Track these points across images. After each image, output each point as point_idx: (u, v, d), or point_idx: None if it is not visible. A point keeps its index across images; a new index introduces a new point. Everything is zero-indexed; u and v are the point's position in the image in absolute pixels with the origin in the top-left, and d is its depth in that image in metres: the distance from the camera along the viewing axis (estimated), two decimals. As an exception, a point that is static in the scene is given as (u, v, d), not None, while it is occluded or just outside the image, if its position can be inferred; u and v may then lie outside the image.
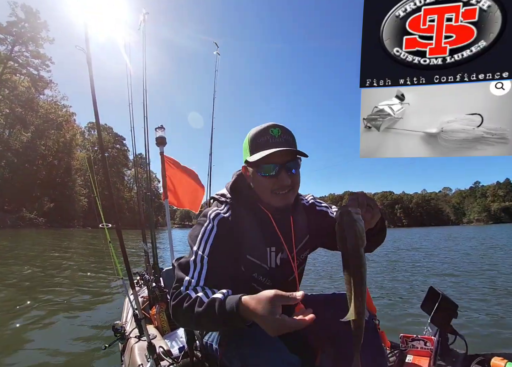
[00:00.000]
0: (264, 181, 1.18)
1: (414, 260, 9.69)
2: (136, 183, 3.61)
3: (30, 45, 41.20)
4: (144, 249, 3.10)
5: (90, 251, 13.14)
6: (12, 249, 13.65)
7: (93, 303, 5.05)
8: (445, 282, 6.20)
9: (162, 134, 3.08)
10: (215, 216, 1.21)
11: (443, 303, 1.72)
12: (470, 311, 4.17)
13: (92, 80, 1.69)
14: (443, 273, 7.21)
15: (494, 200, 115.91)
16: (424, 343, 1.60)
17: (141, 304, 2.63)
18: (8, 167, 38.78)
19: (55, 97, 46.61)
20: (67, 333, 3.67)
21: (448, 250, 12.85)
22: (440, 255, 10.84)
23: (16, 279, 6.90)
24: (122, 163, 63.78)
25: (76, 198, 45.86)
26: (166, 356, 1.69)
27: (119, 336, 2.12)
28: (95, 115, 1.73)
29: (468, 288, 5.54)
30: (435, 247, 15.46)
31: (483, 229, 54.06)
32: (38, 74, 43.26)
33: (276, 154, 1.12)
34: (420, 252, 12.77)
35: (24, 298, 5.40)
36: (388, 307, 4.61)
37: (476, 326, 3.62)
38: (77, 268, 8.52)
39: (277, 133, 1.17)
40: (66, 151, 46.20)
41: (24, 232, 27.60)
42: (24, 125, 40.19)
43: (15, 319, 4.21)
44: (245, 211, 1.24)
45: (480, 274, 6.82)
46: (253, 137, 1.20)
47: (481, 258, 9.94)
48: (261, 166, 1.16)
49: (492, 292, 5.18)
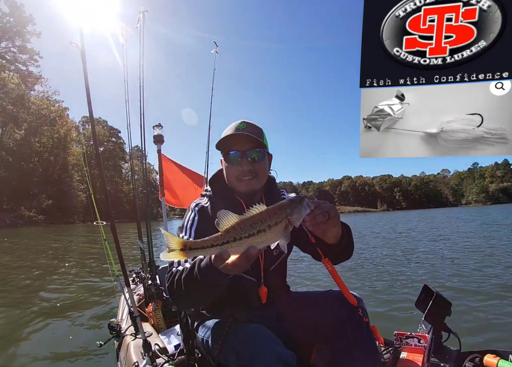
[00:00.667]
0: (230, 169, 1.33)
1: (407, 251, 9.77)
2: (133, 181, 3.58)
3: (16, 40, 40.43)
4: (140, 247, 3.08)
5: (87, 249, 13.05)
6: (11, 248, 13.54)
7: (89, 301, 5.02)
8: (439, 279, 6.27)
9: (159, 132, 3.07)
10: (195, 205, 1.37)
11: (437, 301, 1.74)
12: (463, 308, 4.23)
13: (87, 76, 1.66)
14: (435, 270, 7.28)
15: (492, 181, 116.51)
16: (418, 341, 1.62)
17: (137, 302, 2.62)
18: (3, 166, 38.28)
19: (47, 93, 46.03)
20: (63, 331, 3.65)
21: (444, 239, 12.94)
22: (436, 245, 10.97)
23: (13, 277, 6.86)
24: (119, 156, 63.11)
25: (75, 194, 45.45)
26: (162, 354, 1.68)
27: (115, 334, 2.11)
28: (90, 112, 1.71)
29: (462, 285, 5.60)
30: (429, 234, 15.52)
31: (481, 210, 54.47)
32: (26, 69, 42.52)
33: (239, 141, 1.29)
34: (415, 240, 12.86)
35: (18, 296, 5.38)
36: (382, 304, 4.65)
37: (469, 323, 3.67)
38: (72, 266, 8.46)
39: (242, 127, 1.31)
40: (61, 147, 45.61)
41: (22, 230, 27.28)
42: (16, 122, 39.53)
43: (10, 318, 4.18)
44: (221, 200, 1.37)
45: (475, 269, 6.90)
46: (223, 133, 1.35)
47: (476, 248, 9.99)
48: (227, 155, 1.32)
49: (485, 290, 5.24)
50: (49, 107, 44.05)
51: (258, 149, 1.31)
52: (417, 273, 6.86)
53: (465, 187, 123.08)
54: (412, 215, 43.34)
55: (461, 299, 4.70)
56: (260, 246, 0.86)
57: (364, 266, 7.69)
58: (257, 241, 0.85)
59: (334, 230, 1.04)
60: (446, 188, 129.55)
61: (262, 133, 1.37)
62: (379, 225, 24.82)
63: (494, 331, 3.46)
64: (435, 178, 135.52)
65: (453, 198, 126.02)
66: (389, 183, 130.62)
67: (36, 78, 43.70)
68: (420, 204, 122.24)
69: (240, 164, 1.30)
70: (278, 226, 0.85)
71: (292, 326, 1.34)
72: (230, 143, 1.31)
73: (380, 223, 27.69)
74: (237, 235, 0.84)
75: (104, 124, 62.47)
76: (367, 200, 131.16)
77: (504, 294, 4.91)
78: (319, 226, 0.96)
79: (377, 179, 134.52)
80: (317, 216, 0.93)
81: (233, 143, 1.30)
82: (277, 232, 0.86)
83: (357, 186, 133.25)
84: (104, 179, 1.82)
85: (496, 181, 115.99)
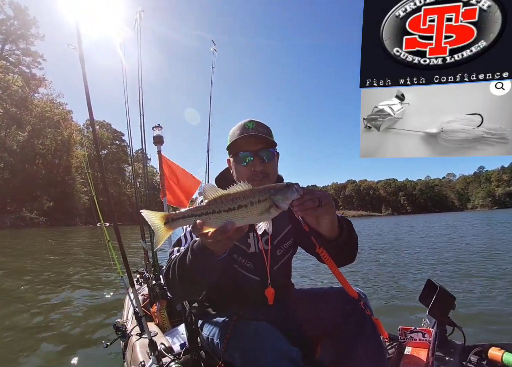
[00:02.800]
0: (241, 169, 1.30)
1: (410, 249, 9.79)
2: (134, 181, 3.59)
3: (20, 42, 40.49)
4: (144, 247, 3.09)
5: (90, 250, 13.08)
6: (10, 249, 13.57)
7: (94, 302, 5.06)
8: (442, 272, 6.29)
9: (159, 133, 3.07)
10: (201, 201, 1.31)
11: (440, 295, 1.74)
12: (467, 302, 4.24)
13: (85, 78, 1.66)
14: (438, 263, 7.30)
15: (498, 185, 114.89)
16: (423, 335, 1.63)
17: (142, 302, 2.64)
18: (7, 168, 38.31)
19: (50, 95, 46.06)
20: (68, 332, 3.69)
21: (448, 239, 12.95)
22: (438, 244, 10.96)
23: (15, 279, 6.89)
24: (122, 159, 62.89)
25: (77, 196, 45.52)
26: (168, 353, 1.70)
27: (121, 334, 2.13)
28: (89, 113, 1.71)
29: (466, 279, 5.61)
30: (434, 235, 15.57)
31: (487, 214, 54.07)
32: (30, 72, 42.64)
33: (249, 142, 1.27)
34: (419, 241, 12.90)
35: (23, 298, 5.41)
36: (387, 300, 4.66)
37: (474, 317, 3.68)
38: (76, 268, 8.48)
39: (251, 126, 1.30)
40: (64, 149, 45.72)
41: (23, 232, 27.31)
42: (19, 125, 39.54)
43: (16, 320, 4.21)
44: None
45: (479, 264, 6.90)
46: (231, 132, 1.34)
47: (482, 247, 10.00)
48: (238, 155, 1.29)
49: (490, 283, 5.25)
50: (52, 110, 43.99)
51: (268, 148, 1.30)
52: (421, 269, 6.88)
53: (471, 191, 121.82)
54: (417, 220, 43.19)
55: (465, 293, 4.71)
56: (240, 222, 0.86)
57: (367, 264, 7.72)
58: (236, 216, 0.85)
59: (328, 219, 1.02)
60: (452, 193, 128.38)
61: (271, 132, 1.36)
62: (384, 228, 24.70)
63: (499, 324, 3.47)
64: (440, 182, 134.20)
65: (459, 203, 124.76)
66: (393, 187, 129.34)
67: (40, 80, 43.70)
68: (425, 209, 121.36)
69: (252, 165, 1.28)
70: (260, 204, 0.85)
71: (296, 323, 1.36)
72: (240, 143, 1.29)
73: (385, 227, 27.61)
74: (217, 208, 0.85)
75: (108, 127, 62.27)
76: (371, 205, 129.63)
77: (509, 287, 4.91)
78: (309, 212, 0.94)
79: (381, 183, 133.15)
80: (306, 201, 0.92)
81: (243, 144, 1.29)
82: (259, 210, 0.85)
83: (361, 190, 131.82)
84: (106, 181, 1.83)
85: (503, 185, 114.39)
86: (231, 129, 1.36)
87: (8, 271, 8.10)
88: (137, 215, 3.42)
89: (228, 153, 1.39)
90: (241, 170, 1.31)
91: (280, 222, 1.38)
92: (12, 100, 38.11)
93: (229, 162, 1.41)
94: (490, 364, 1.53)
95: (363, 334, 1.24)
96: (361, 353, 1.22)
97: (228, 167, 1.47)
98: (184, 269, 1.05)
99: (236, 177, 1.36)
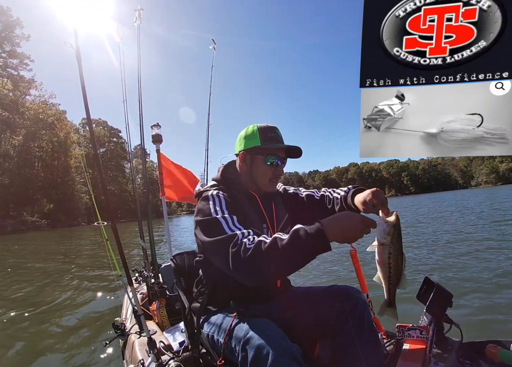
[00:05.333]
0: (267, 169, 1.40)
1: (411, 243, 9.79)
2: (133, 181, 3.58)
3: (5, 45, 39.25)
4: (142, 246, 3.09)
5: (89, 249, 13.04)
6: (9, 252, 13.53)
7: (93, 300, 5.04)
8: (441, 270, 6.31)
9: (158, 132, 3.05)
10: (216, 193, 1.36)
11: (438, 293, 1.75)
12: (464, 300, 4.26)
13: (82, 77, 1.64)
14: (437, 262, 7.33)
15: (502, 160, 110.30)
16: (420, 332, 1.64)
17: (141, 301, 2.64)
18: (5, 173, 37.85)
19: (43, 97, 45.29)
20: (68, 331, 3.68)
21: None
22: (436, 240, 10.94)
23: (15, 279, 6.88)
24: (120, 156, 62.58)
25: (78, 196, 45.25)
26: (167, 351, 1.70)
27: (120, 333, 2.13)
28: (87, 113, 1.70)
29: (464, 275, 5.63)
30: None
31: (492, 190, 53.39)
32: (18, 74, 41.52)
33: (282, 149, 1.41)
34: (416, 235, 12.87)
35: (22, 297, 5.40)
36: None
37: (471, 314, 3.70)
38: (75, 267, 8.46)
39: (280, 134, 1.44)
40: (62, 150, 45.22)
41: (24, 235, 27.11)
42: (13, 129, 38.83)
43: (14, 318, 4.20)
44: (238, 191, 1.43)
45: (476, 259, 6.92)
46: (262, 130, 1.40)
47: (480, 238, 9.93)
48: (269, 156, 1.38)
49: (486, 280, 5.27)
50: (46, 111, 43.34)
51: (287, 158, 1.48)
52: (419, 267, 6.90)
53: (474, 168, 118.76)
54: (420, 200, 42.78)
55: (463, 290, 4.73)
56: None
57: (364, 259, 7.73)
58: None
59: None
60: (455, 171, 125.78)
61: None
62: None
63: (496, 322, 3.50)
64: (443, 161, 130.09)
65: (463, 180, 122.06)
66: (396, 168, 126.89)
67: (29, 82, 42.75)
68: (429, 188, 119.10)
69: (278, 169, 1.42)
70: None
71: (296, 321, 1.37)
72: (276, 148, 1.41)
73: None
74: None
75: (105, 125, 61.91)
76: (374, 186, 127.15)
77: (506, 284, 4.94)
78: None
79: (383, 164, 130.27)
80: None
81: (279, 149, 1.41)
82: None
83: (364, 173, 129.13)
84: (104, 180, 1.82)
85: (506, 160, 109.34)
86: (259, 127, 1.42)
87: (7, 271, 8.09)
88: (136, 212, 3.43)
89: (246, 150, 1.42)
90: (267, 171, 1.41)
91: (281, 210, 1.53)
92: (2, 104, 37.31)
93: (243, 156, 1.43)
94: (487, 360, 1.54)
95: (361, 332, 1.25)
96: (359, 352, 1.23)
97: (226, 166, 1.52)
98: (289, 257, 1.03)
99: (254, 174, 1.43)
